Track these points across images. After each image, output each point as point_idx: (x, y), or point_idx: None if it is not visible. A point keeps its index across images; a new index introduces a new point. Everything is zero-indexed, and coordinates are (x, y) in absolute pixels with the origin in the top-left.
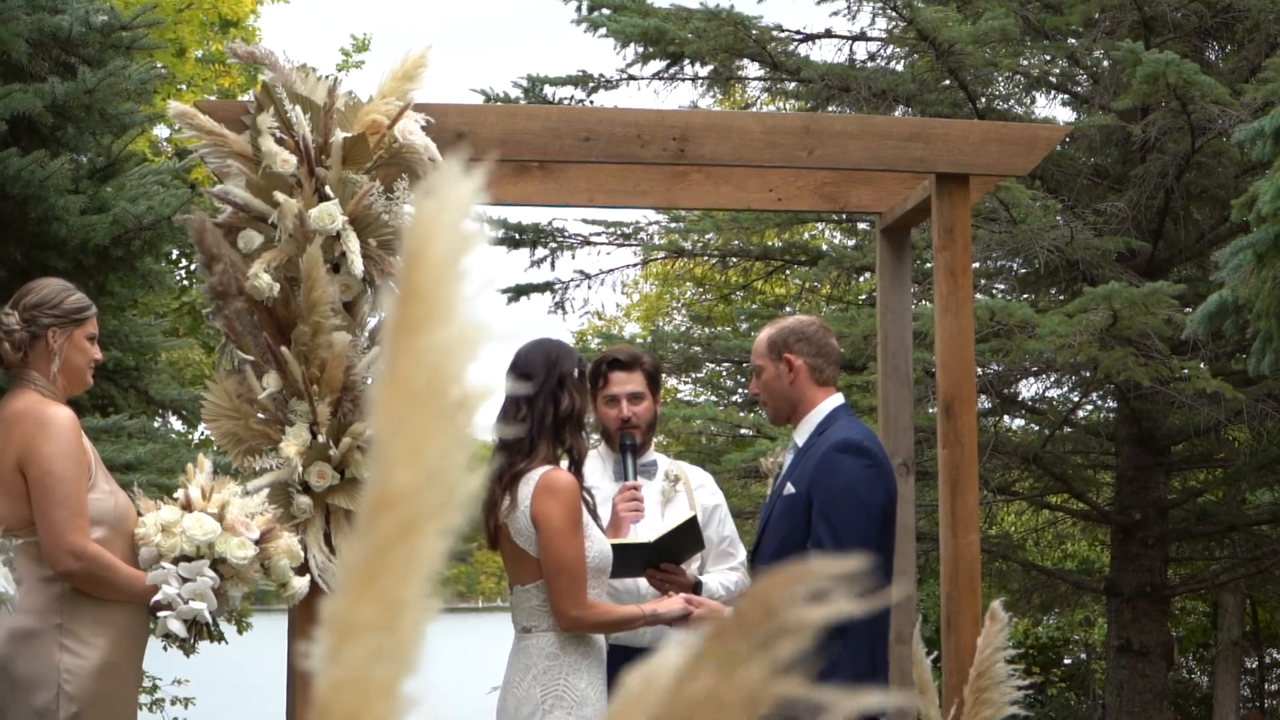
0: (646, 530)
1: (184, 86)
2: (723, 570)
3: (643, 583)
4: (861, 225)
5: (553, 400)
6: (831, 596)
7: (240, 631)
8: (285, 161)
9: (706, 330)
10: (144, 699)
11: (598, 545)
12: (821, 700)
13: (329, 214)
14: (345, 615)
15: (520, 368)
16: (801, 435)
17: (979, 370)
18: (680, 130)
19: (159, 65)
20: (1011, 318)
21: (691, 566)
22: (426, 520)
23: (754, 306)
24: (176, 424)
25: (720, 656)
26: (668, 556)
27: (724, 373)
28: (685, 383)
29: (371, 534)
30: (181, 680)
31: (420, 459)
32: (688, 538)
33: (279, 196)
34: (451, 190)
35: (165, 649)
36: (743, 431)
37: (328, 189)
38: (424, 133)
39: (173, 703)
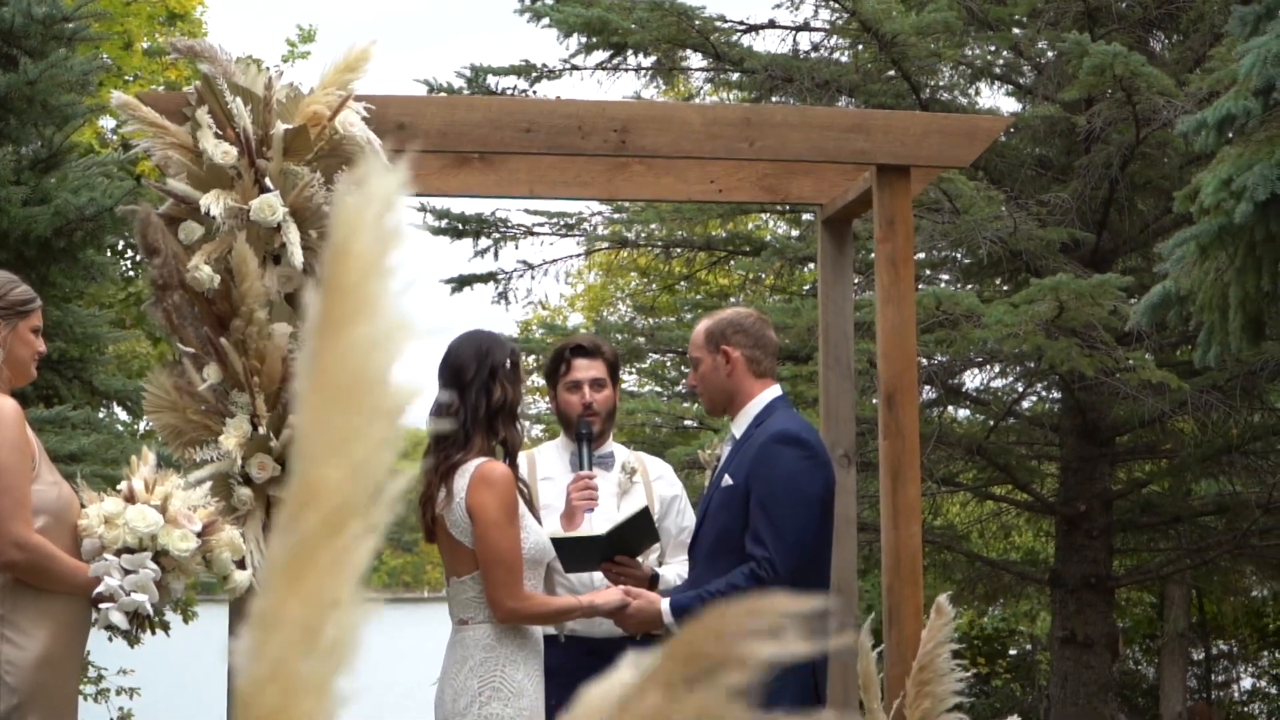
0: (601, 521)
1: (131, 78)
2: (681, 562)
3: (598, 576)
4: (805, 216)
5: (485, 392)
6: (784, 634)
7: (186, 621)
8: (226, 153)
9: (650, 321)
10: (89, 689)
11: (534, 536)
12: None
13: (270, 206)
14: (272, 612)
15: (452, 360)
16: (739, 427)
17: (923, 361)
18: (621, 121)
19: (104, 56)
20: (958, 306)
21: (650, 558)
22: (353, 516)
23: (698, 297)
24: (122, 415)
25: (670, 679)
26: (622, 549)
27: (668, 363)
28: (629, 373)
29: (297, 530)
30: (127, 670)
31: (345, 455)
32: (641, 530)
33: (207, 198)
34: (376, 185)
35: (110, 640)
36: (686, 423)
37: (268, 181)
38: (365, 124)
39: (118, 693)
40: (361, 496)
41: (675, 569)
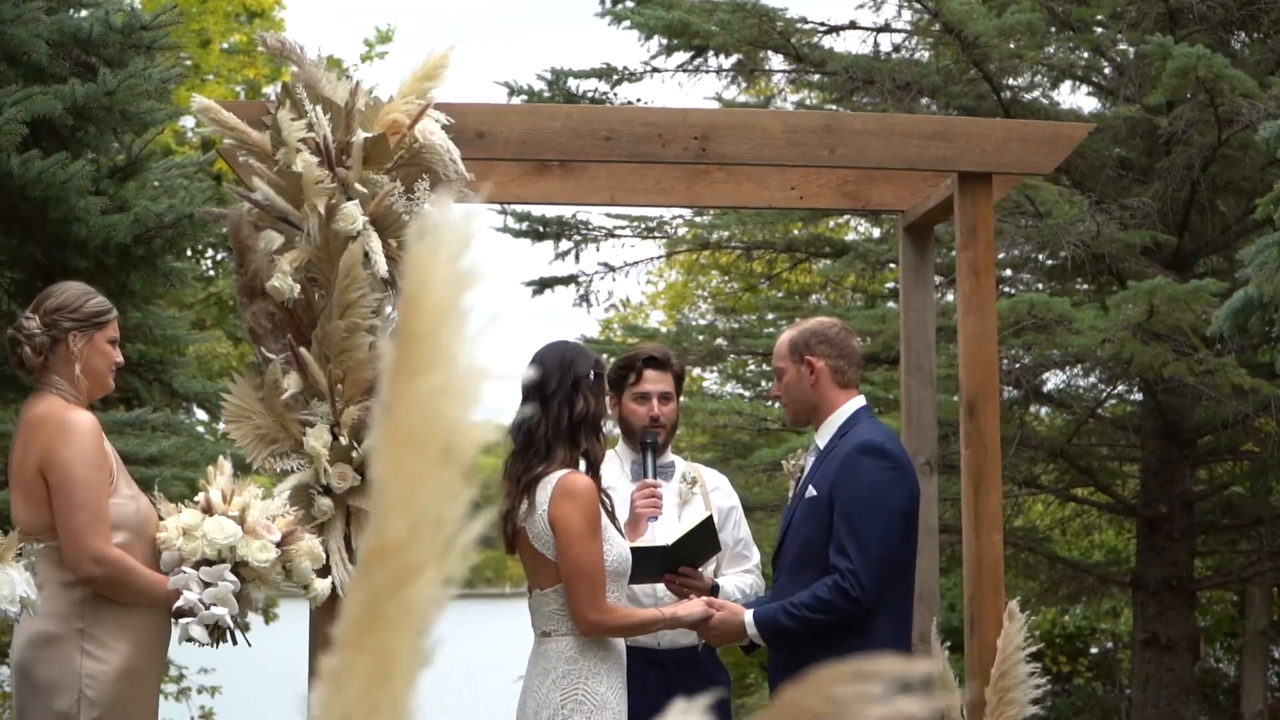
0: (664, 530)
1: (210, 77)
2: (738, 573)
3: (660, 587)
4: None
5: (568, 403)
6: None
7: (267, 621)
8: (306, 162)
9: (732, 324)
10: (170, 688)
11: (616, 549)
12: None
13: (350, 214)
14: (342, 667)
15: (535, 371)
16: (823, 438)
17: (1006, 364)
18: (701, 129)
19: (183, 57)
20: (1050, 312)
21: (708, 569)
22: (422, 570)
23: (779, 296)
24: (201, 416)
25: None
26: (685, 560)
27: (749, 361)
28: (710, 371)
29: (368, 585)
30: (208, 669)
31: (415, 507)
32: (704, 540)
33: (308, 218)
34: (448, 232)
35: (181, 642)
36: (768, 425)
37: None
38: (445, 133)
39: (199, 692)
40: (431, 548)
41: (733, 580)
